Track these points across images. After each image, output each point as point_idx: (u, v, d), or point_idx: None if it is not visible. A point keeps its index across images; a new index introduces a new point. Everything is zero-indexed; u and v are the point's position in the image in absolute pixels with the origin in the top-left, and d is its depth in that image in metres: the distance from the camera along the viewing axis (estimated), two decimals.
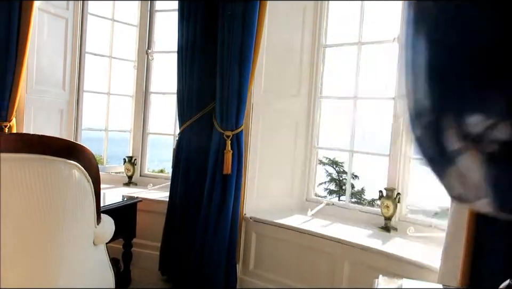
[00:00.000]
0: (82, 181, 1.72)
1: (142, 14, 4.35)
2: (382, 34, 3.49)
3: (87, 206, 1.80)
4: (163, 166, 18.03)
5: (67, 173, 1.63)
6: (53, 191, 1.60)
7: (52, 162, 1.58)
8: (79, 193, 1.72)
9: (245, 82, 3.17)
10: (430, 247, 2.82)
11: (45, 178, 1.56)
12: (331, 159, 22.02)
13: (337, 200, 21.15)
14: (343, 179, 21.65)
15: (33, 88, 3.76)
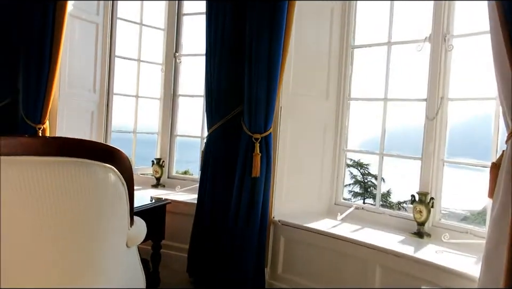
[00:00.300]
0: (117, 184, 1.73)
1: (170, 17, 4.39)
2: (412, 34, 3.41)
3: (121, 208, 1.81)
4: (187, 167, 18.15)
5: (103, 176, 1.64)
6: (88, 194, 1.60)
7: (88, 165, 1.59)
8: (114, 196, 1.72)
9: (273, 84, 3.14)
10: (467, 255, 2.73)
11: (81, 181, 1.57)
12: (356, 161, 21.77)
13: (362, 202, 20.95)
14: (368, 181, 21.38)
15: (66, 91, 3.84)
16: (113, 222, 1.74)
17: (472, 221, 20.27)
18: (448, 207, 25.45)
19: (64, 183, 1.52)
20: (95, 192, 1.62)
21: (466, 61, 3.12)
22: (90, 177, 1.59)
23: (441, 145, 3.16)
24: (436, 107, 3.14)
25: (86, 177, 1.58)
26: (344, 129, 3.73)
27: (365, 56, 4.00)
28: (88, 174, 1.58)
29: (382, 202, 20.04)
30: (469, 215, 22.96)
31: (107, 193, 1.67)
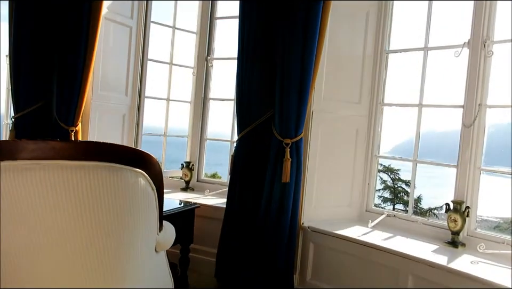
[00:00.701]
0: (147, 189, 1.73)
1: (202, 21, 4.40)
2: (450, 39, 3.32)
3: (150, 213, 1.81)
4: (216, 169, 18.26)
5: (133, 181, 1.64)
6: (119, 199, 1.61)
7: (118, 170, 1.59)
8: (144, 201, 1.72)
9: (305, 89, 3.10)
10: (503, 266, 2.64)
11: (112, 185, 1.58)
12: (386, 166, 21.44)
13: (392, 208, 20.61)
14: (398, 187, 21.02)
15: (98, 94, 3.91)
16: (142, 227, 1.75)
17: (506, 227, 19.62)
18: (481, 214, 24.76)
19: (97, 188, 1.53)
20: (125, 197, 1.63)
21: (507, 67, 3.00)
22: (121, 182, 1.60)
23: (478, 153, 3.06)
24: (474, 114, 3.03)
25: (117, 181, 1.58)
26: (377, 134, 3.66)
27: (400, 61, 3.93)
28: (119, 179, 1.59)
29: (414, 208, 19.64)
30: (502, 222, 22.23)
31: (137, 198, 1.67)
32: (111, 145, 1.66)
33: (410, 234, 3.25)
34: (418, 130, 3.46)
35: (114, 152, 1.63)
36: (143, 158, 1.71)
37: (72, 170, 1.50)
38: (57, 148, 1.48)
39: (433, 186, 24.42)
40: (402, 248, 2.90)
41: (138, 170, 1.67)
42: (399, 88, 4.31)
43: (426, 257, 2.73)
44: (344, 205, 3.62)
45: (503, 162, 9.67)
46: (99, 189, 1.56)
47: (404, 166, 3.79)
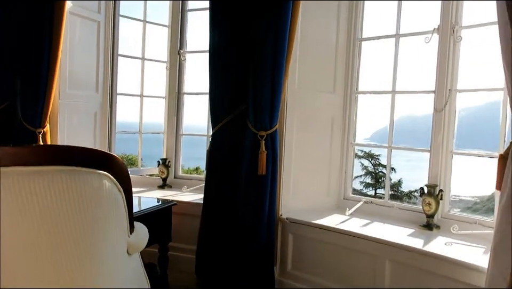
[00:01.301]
0: (114, 191, 1.69)
1: (174, 14, 4.32)
2: (420, 25, 3.33)
3: (119, 215, 1.77)
4: (199, 163, 18.16)
5: (97, 184, 1.59)
6: (84, 202, 1.56)
7: (81, 173, 1.54)
8: (110, 204, 1.68)
9: (278, 80, 3.08)
10: (476, 245, 2.71)
11: (73, 190, 1.53)
12: (366, 152, 21.70)
13: (374, 193, 20.88)
14: (379, 172, 21.29)
15: (66, 93, 3.78)
16: (111, 230, 1.70)
17: (481, 206, 20.10)
18: (458, 194, 25.33)
19: (56, 193, 1.48)
20: (91, 201, 1.58)
21: (475, 52, 3.04)
22: (85, 186, 1.55)
23: (450, 137, 3.10)
24: (444, 99, 3.06)
25: (80, 185, 1.53)
26: (352, 123, 3.67)
27: (373, 49, 3.93)
28: (82, 182, 1.54)
29: (393, 192, 19.94)
30: (478, 201, 22.78)
31: (103, 201, 1.62)
32: (72, 148, 1.61)
33: (387, 220, 3.28)
34: (392, 117, 3.48)
35: (75, 155, 1.58)
36: (107, 159, 1.66)
37: (30, 176, 1.44)
38: (13, 154, 1.42)
39: (412, 169, 24.74)
40: (379, 234, 2.92)
41: (103, 172, 1.63)
42: (373, 75, 4.32)
43: (402, 241, 2.76)
44: (322, 194, 3.63)
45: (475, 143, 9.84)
46: (61, 194, 1.51)
47: (384, 151, 3.85)
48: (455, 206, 22.35)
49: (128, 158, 17.55)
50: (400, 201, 20.01)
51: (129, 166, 16.57)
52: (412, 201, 19.30)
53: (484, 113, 26.00)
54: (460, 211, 20.72)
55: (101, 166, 1.64)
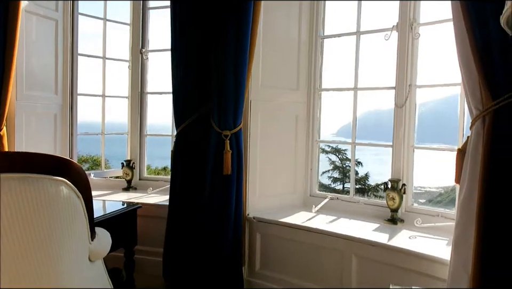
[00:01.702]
0: (72, 197, 1.64)
1: (135, 12, 4.23)
2: (381, 23, 3.38)
3: (78, 222, 1.71)
4: (166, 163, 17.93)
5: (54, 190, 1.54)
6: (39, 211, 1.51)
7: (36, 180, 1.49)
8: (69, 210, 1.63)
9: (241, 79, 3.07)
10: (439, 238, 2.78)
11: (29, 197, 1.47)
12: (333, 147, 21.99)
13: (342, 187, 21.18)
14: (346, 166, 21.61)
15: (24, 94, 3.63)
16: (69, 238, 1.65)
17: (446, 197, 20.74)
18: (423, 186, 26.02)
19: (12, 202, 1.42)
20: (47, 209, 1.53)
21: (434, 48, 3.11)
22: (40, 193, 1.50)
23: (411, 132, 3.17)
24: (405, 95, 3.12)
25: (35, 193, 1.48)
26: (316, 120, 3.69)
27: (335, 46, 3.97)
28: (36, 190, 1.48)
29: (361, 186, 20.29)
30: (443, 192, 23.49)
31: (60, 208, 1.57)
32: (26, 154, 1.56)
33: (353, 215, 3.33)
34: (355, 114, 3.53)
35: (30, 161, 1.52)
36: (64, 164, 1.61)
37: None
38: None
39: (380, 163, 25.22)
40: (344, 230, 2.96)
41: (59, 178, 1.58)
42: (336, 72, 4.38)
43: (367, 237, 2.81)
44: (289, 192, 3.64)
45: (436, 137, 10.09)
46: (15, 203, 1.46)
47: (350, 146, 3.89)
48: (420, 197, 22.95)
49: (94, 159, 17.16)
50: (367, 194, 20.43)
51: (95, 167, 16.27)
52: (378, 195, 19.69)
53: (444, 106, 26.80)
54: (425, 202, 21.26)
55: (58, 171, 1.59)
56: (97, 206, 2.74)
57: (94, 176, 4.33)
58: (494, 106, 1.95)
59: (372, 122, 38.05)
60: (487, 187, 1.93)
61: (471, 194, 2.07)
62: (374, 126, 23.92)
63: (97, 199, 3.60)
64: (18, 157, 1.50)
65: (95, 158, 16.89)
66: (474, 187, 2.03)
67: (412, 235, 2.83)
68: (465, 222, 2.13)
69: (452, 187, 20.34)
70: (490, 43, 1.95)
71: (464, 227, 2.13)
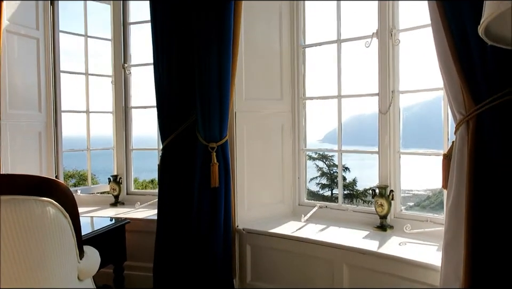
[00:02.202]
0: (58, 217, 1.62)
1: (115, 27, 4.22)
2: (361, 30, 3.42)
3: (66, 242, 1.69)
4: (153, 175, 17.80)
5: (39, 211, 1.52)
6: (25, 233, 1.49)
7: (21, 202, 1.47)
8: (56, 231, 1.61)
9: (225, 90, 3.07)
10: (429, 243, 2.78)
11: (15, 220, 1.45)
12: (320, 154, 22.06)
13: (330, 193, 21.22)
14: (334, 172, 21.67)
15: (7, 113, 3.60)
16: (57, 258, 1.63)
17: (435, 199, 20.91)
18: (411, 189, 26.18)
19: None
20: (33, 230, 1.51)
21: (415, 53, 3.15)
22: (26, 214, 1.48)
23: (396, 138, 3.19)
24: (388, 101, 3.15)
25: (20, 215, 1.46)
26: (302, 128, 3.71)
27: (317, 55, 4.00)
28: (22, 212, 1.46)
29: (349, 191, 20.35)
30: (431, 195, 23.68)
31: (46, 229, 1.55)
32: (10, 176, 1.54)
33: (342, 223, 3.33)
34: (340, 121, 3.56)
35: (15, 183, 1.50)
36: (49, 185, 1.59)
37: None
38: None
39: (366, 167, 25.32)
40: (334, 238, 2.96)
41: (45, 198, 1.56)
42: (320, 80, 4.41)
43: (357, 245, 2.81)
44: (277, 202, 3.64)
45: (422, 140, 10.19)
46: (2, 226, 1.43)
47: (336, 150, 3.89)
48: (409, 200, 23.11)
49: (80, 174, 16.96)
50: (355, 200, 20.49)
51: (82, 182, 16.04)
52: (367, 200, 19.79)
53: (428, 109, 27.09)
54: (413, 206, 21.35)
55: (44, 192, 1.57)
56: (85, 223, 2.74)
57: (81, 192, 4.30)
58: (477, 111, 1.97)
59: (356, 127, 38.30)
60: (474, 192, 1.94)
61: (459, 199, 2.09)
62: (359, 130, 24.09)
63: (85, 216, 3.58)
64: (3, 179, 1.48)
65: (82, 172, 16.70)
66: (462, 192, 2.05)
67: (402, 241, 2.84)
68: (454, 228, 2.14)
69: (439, 190, 20.54)
70: (469, 48, 1.98)
71: (454, 233, 2.14)
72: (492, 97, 1.92)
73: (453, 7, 2.03)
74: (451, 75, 2.13)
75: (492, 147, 1.92)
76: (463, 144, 2.08)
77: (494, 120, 1.93)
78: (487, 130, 1.95)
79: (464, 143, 2.07)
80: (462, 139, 2.08)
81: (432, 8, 2.21)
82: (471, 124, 2.00)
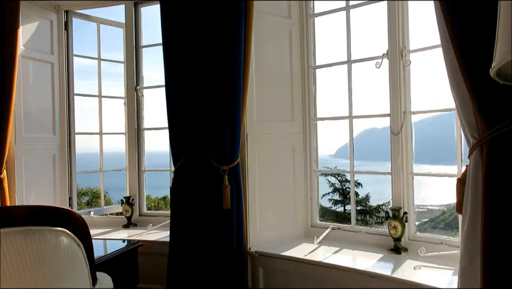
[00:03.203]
0: (72, 247, 1.63)
1: (128, 50, 4.28)
2: (371, 51, 3.43)
3: (79, 270, 1.70)
4: (165, 192, 17.87)
5: (53, 242, 1.54)
6: (40, 262, 1.50)
7: (35, 232, 1.49)
8: (69, 260, 1.62)
9: (237, 113, 3.09)
10: (444, 267, 2.73)
11: (30, 250, 1.47)
12: (332, 169, 21.94)
13: (343, 210, 21.04)
14: (346, 188, 21.52)
15: (23, 137, 3.68)
16: (71, 286, 1.64)
17: (449, 215, 20.61)
18: (425, 204, 25.84)
19: (10, 257, 1.42)
20: (47, 260, 1.52)
21: (426, 73, 3.14)
22: (40, 245, 1.49)
23: (409, 159, 3.16)
24: (400, 122, 3.14)
25: (34, 246, 1.48)
26: (313, 149, 3.70)
27: (328, 75, 4.02)
28: (37, 242, 1.48)
29: (362, 207, 20.16)
30: (445, 210, 23.36)
31: (60, 258, 1.57)
32: (27, 207, 1.57)
33: (355, 245, 3.29)
34: (352, 140, 3.55)
35: (31, 214, 1.53)
36: (63, 215, 1.61)
37: None
38: None
39: (378, 182, 25.14)
40: (348, 262, 2.93)
41: (59, 229, 1.58)
42: (331, 100, 4.42)
43: (370, 268, 2.77)
44: (290, 223, 3.61)
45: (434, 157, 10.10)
46: (17, 256, 1.45)
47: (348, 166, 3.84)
48: (423, 216, 22.82)
49: (93, 192, 17.10)
50: (368, 215, 20.27)
51: (94, 200, 16.14)
52: (380, 216, 19.59)
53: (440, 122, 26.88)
54: (427, 221, 21.01)
55: (58, 222, 1.59)
56: (98, 246, 2.76)
57: (94, 213, 4.32)
58: (490, 136, 1.93)
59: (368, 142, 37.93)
60: (490, 218, 1.89)
61: (474, 225, 2.04)
62: (370, 145, 23.96)
63: (98, 238, 3.61)
64: (19, 209, 1.50)
65: (95, 190, 16.85)
66: (477, 217, 2.00)
67: (417, 265, 2.78)
68: (470, 253, 2.09)
69: (453, 205, 20.27)
70: (481, 70, 1.96)
71: (470, 258, 2.09)
72: (506, 121, 1.89)
73: (462, 27, 2.01)
74: (463, 98, 2.10)
75: (508, 173, 1.88)
76: (477, 169, 2.04)
77: (508, 145, 1.90)
78: (502, 155, 1.90)
79: (478, 168, 2.03)
80: (476, 163, 2.05)
81: (441, 27, 2.19)
82: (485, 149, 1.96)
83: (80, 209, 5.32)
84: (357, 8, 3.44)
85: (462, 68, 2.01)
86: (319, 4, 3.73)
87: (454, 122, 2.87)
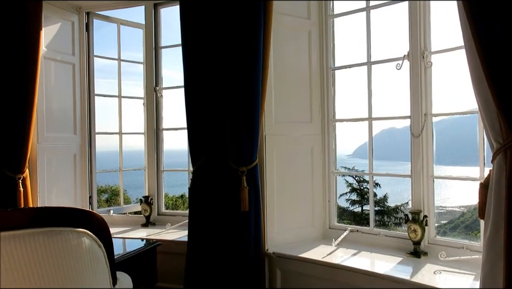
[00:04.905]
0: (93, 247, 1.66)
1: (147, 51, 4.31)
2: (391, 52, 3.39)
3: (100, 270, 1.73)
4: (183, 190, 18.00)
5: (75, 242, 1.57)
6: (62, 263, 1.53)
7: (58, 233, 1.52)
8: (91, 260, 1.65)
9: (255, 114, 3.09)
10: (465, 272, 2.69)
11: (52, 250, 1.50)
12: (350, 169, 21.84)
13: (360, 210, 20.90)
14: (364, 188, 21.38)
15: (45, 136, 3.76)
16: (92, 285, 1.66)
17: (469, 216, 20.29)
18: (445, 205, 25.47)
19: (34, 256, 1.45)
20: (69, 261, 1.55)
21: (448, 76, 3.10)
22: (62, 246, 1.52)
23: (430, 162, 3.11)
24: (421, 124, 3.09)
25: (57, 246, 1.50)
26: (332, 151, 3.67)
27: (347, 76, 3.99)
28: (59, 242, 1.51)
29: (380, 208, 20.00)
30: (465, 211, 23.00)
31: (81, 259, 1.59)
32: (50, 208, 1.60)
33: (374, 248, 3.26)
34: (371, 142, 3.52)
35: (54, 215, 1.55)
36: (85, 216, 1.64)
37: (7, 241, 1.41)
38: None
39: (398, 182, 24.92)
40: (366, 265, 2.91)
41: (81, 230, 1.60)
42: (350, 102, 4.39)
43: (390, 272, 2.74)
44: (307, 225, 3.60)
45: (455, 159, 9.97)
46: (40, 256, 1.48)
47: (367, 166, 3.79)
48: (443, 218, 22.52)
49: (112, 189, 17.35)
50: (386, 216, 20.09)
51: (114, 198, 16.34)
52: (398, 216, 19.40)
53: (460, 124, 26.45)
54: (447, 223, 20.71)
55: (80, 223, 1.62)
56: (117, 244, 2.81)
57: (113, 212, 4.38)
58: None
59: (386, 142, 37.43)
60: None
61: (497, 231, 2.00)
62: (389, 145, 23.72)
63: (117, 236, 3.66)
64: (41, 211, 1.53)
65: (114, 188, 17.09)
66: (500, 223, 1.97)
67: (437, 269, 2.75)
68: (492, 259, 2.05)
69: (474, 206, 19.97)
70: (507, 76, 1.92)
71: (492, 265, 2.05)
72: None
73: (487, 28, 1.97)
74: (486, 102, 2.06)
75: None
76: (500, 174, 2.00)
77: None
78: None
79: (502, 173, 1.99)
80: (500, 168, 2.01)
81: (464, 27, 2.14)
82: (509, 154, 1.92)
83: (100, 207, 5.39)
84: (377, 8, 3.40)
85: (486, 71, 1.97)
86: (338, 4, 3.73)
87: (475, 123, 2.80)
